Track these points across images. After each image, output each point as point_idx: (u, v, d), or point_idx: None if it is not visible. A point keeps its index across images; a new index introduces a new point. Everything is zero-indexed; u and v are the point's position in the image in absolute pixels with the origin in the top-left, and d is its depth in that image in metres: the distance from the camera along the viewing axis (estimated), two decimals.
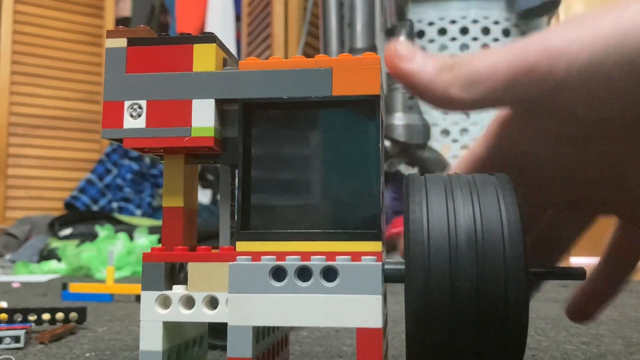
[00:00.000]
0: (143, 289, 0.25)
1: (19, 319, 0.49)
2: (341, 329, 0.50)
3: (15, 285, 1.02)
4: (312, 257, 0.23)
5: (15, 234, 1.75)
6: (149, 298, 0.25)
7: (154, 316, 0.25)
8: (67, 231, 1.67)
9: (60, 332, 0.47)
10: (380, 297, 0.22)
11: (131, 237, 1.43)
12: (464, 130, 1.27)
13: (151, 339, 0.25)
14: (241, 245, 0.24)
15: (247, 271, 0.23)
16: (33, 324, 0.49)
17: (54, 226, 1.73)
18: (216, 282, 0.24)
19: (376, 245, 0.23)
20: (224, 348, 0.41)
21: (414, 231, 0.22)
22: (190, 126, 0.25)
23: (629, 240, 0.30)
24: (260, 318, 0.23)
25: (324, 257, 0.23)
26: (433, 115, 1.26)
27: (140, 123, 0.25)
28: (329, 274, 0.22)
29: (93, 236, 1.51)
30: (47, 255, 1.49)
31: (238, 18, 2.16)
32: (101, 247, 1.30)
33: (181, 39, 0.25)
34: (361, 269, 0.22)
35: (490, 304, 0.21)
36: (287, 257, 0.23)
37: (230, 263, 0.23)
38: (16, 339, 0.43)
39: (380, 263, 0.22)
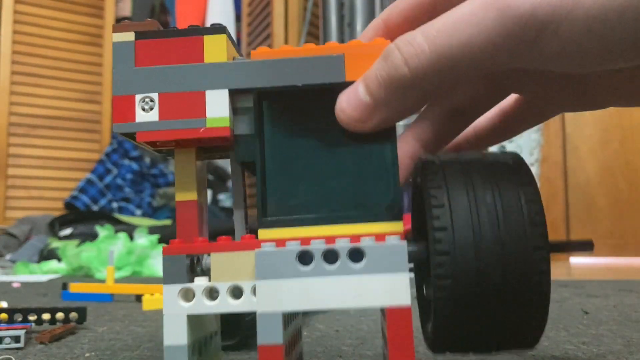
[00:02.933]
0: (165, 282, 0.24)
1: (19, 319, 0.49)
2: (341, 329, 0.50)
3: (15, 285, 1.02)
4: (337, 239, 0.23)
5: (15, 234, 1.75)
6: (171, 292, 0.24)
7: (178, 310, 0.24)
8: (67, 231, 1.67)
9: (60, 332, 0.47)
10: (407, 275, 0.22)
11: (131, 237, 1.43)
12: None
13: (175, 333, 0.24)
14: (263, 233, 0.24)
15: (273, 257, 0.23)
16: (33, 324, 0.49)
17: (54, 226, 1.73)
18: (240, 271, 0.24)
19: (398, 225, 0.24)
20: (223, 348, 0.41)
21: (438, 214, 0.23)
22: (205, 117, 0.25)
23: (519, 114, 0.30)
24: (290, 303, 0.22)
25: (349, 239, 0.23)
26: None
27: (153, 116, 0.25)
28: (355, 255, 0.23)
29: (93, 236, 1.51)
30: (47, 255, 1.49)
31: (238, 18, 2.17)
32: (101, 247, 1.30)
33: (191, 31, 0.25)
34: (387, 248, 0.22)
35: (514, 277, 0.22)
36: (312, 241, 0.23)
37: (256, 250, 0.23)
38: (16, 339, 0.43)
39: (405, 242, 0.23)
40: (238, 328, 0.40)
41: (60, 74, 2.13)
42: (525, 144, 1.31)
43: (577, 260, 1.95)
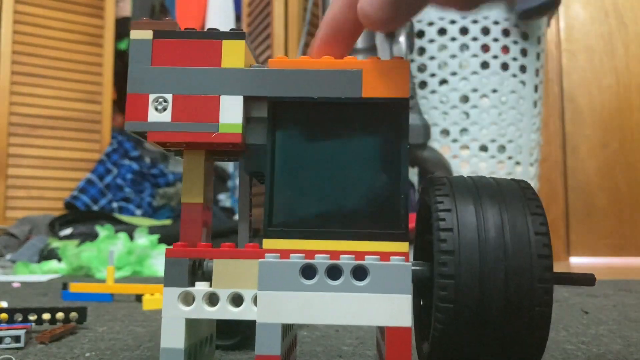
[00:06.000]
0: (165, 285, 0.24)
1: (19, 319, 0.49)
2: (341, 329, 0.50)
3: (15, 285, 1.02)
4: (341, 256, 0.23)
5: (15, 234, 1.75)
6: (171, 295, 0.24)
7: (177, 313, 0.24)
8: (67, 231, 1.67)
9: (60, 332, 0.47)
10: (410, 296, 0.22)
11: (131, 237, 1.43)
12: (464, 130, 1.26)
13: (173, 336, 0.24)
14: (268, 243, 0.24)
15: (277, 269, 0.23)
16: (33, 324, 0.49)
17: (54, 226, 1.73)
18: (242, 279, 0.24)
19: (403, 246, 0.24)
20: (223, 348, 0.41)
21: (445, 238, 0.23)
22: (218, 122, 0.25)
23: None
24: (290, 316, 0.23)
25: (353, 256, 0.23)
26: (433, 115, 1.26)
27: (166, 117, 0.25)
28: (358, 273, 0.23)
29: (93, 236, 1.51)
30: (47, 255, 1.49)
31: (238, 18, 2.16)
32: (101, 247, 1.30)
33: (210, 34, 0.25)
34: (391, 268, 0.22)
35: (517, 307, 0.22)
36: (316, 255, 0.23)
37: (260, 260, 0.23)
38: (16, 338, 0.43)
39: (409, 263, 0.23)
40: (238, 328, 0.40)
41: (60, 74, 2.13)
42: (525, 144, 1.30)
43: (577, 260, 1.94)
